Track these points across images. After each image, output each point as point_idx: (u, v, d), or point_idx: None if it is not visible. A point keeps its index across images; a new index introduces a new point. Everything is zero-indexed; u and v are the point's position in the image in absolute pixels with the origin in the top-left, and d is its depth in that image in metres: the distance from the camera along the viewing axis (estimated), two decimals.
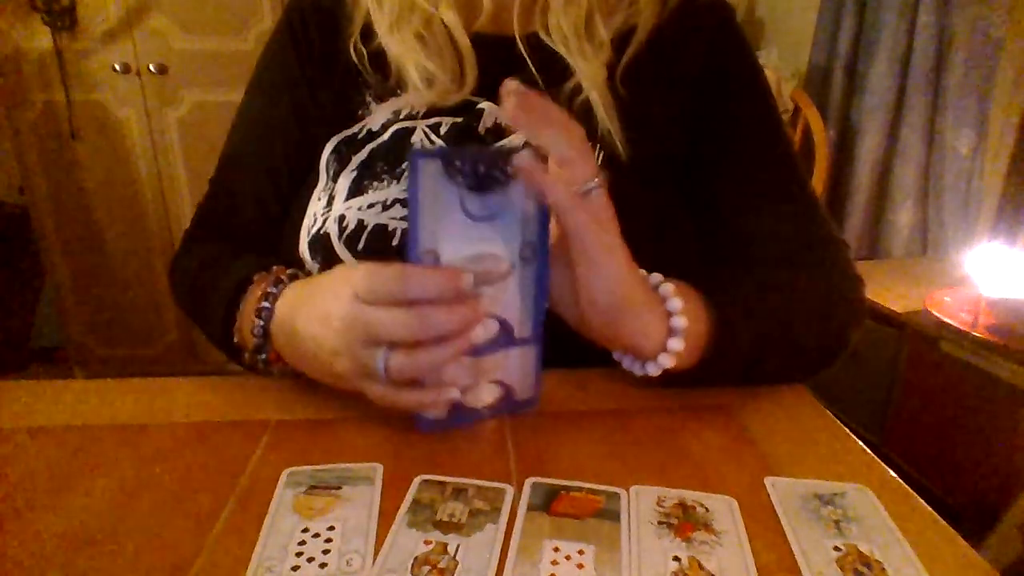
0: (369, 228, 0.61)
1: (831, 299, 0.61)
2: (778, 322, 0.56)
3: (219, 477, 0.45)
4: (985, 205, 1.77)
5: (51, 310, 2.36)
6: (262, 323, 0.54)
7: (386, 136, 0.65)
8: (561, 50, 0.65)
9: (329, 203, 0.65)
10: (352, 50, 0.68)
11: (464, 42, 0.66)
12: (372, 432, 0.50)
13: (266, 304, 0.54)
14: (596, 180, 0.46)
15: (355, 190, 0.64)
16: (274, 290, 0.55)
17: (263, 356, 0.55)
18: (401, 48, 0.65)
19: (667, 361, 0.50)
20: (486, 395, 0.51)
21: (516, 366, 0.51)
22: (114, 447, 0.48)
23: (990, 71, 1.64)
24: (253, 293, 0.56)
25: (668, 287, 0.51)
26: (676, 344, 0.50)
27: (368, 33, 0.68)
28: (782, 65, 2.07)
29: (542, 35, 0.66)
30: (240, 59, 2.11)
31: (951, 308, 1.60)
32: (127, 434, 0.50)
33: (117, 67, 2.13)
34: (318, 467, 0.45)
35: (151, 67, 2.13)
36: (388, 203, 0.62)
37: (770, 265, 0.62)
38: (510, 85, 0.44)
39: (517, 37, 0.65)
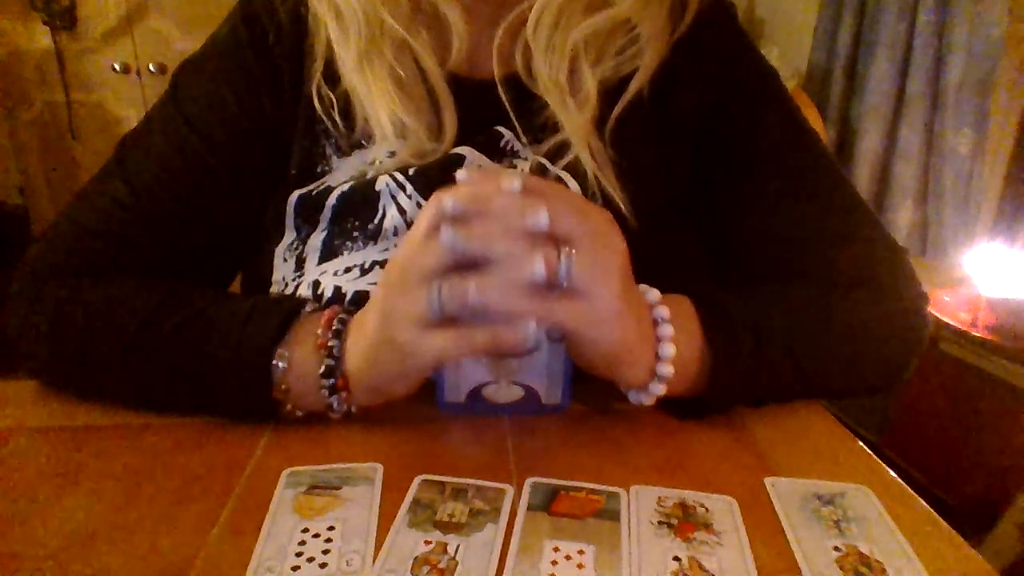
0: (349, 296, 0.55)
1: (888, 321, 0.57)
2: (813, 349, 0.53)
3: (219, 477, 0.45)
4: (985, 205, 1.77)
5: None
6: (337, 342, 0.48)
7: (346, 188, 0.57)
8: (544, 95, 0.58)
9: (299, 266, 0.58)
10: (316, 95, 0.58)
11: (440, 85, 0.58)
12: (372, 432, 0.50)
13: (338, 327, 0.49)
14: (564, 263, 0.42)
15: (327, 253, 0.57)
16: (344, 317, 0.50)
17: (331, 382, 0.48)
18: (372, 90, 0.56)
19: (647, 399, 0.50)
20: (506, 395, 0.51)
21: (542, 370, 0.51)
22: (114, 447, 0.48)
23: (990, 71, 1.64)
24: (307, 331, 0.49)
25: (667, 330, 0.48)
26: (658, 388, 0.49)
27: (331, 74, 0.58)
28: (782, 65, 2.07)
29: (524, 79, 0.58)
30: None
31: (951, 308, 1.60)
32: (127, 434, 0.50)
33: (117, 67, 2.13)
34: (318, 467, 0.45)
35: (151, 67, 2.13)
36: (367, 266, 0.56)
37: (815, 283, 0.56)
38: (459, 177, 0.44)
39: (497, 81, 0.57)
